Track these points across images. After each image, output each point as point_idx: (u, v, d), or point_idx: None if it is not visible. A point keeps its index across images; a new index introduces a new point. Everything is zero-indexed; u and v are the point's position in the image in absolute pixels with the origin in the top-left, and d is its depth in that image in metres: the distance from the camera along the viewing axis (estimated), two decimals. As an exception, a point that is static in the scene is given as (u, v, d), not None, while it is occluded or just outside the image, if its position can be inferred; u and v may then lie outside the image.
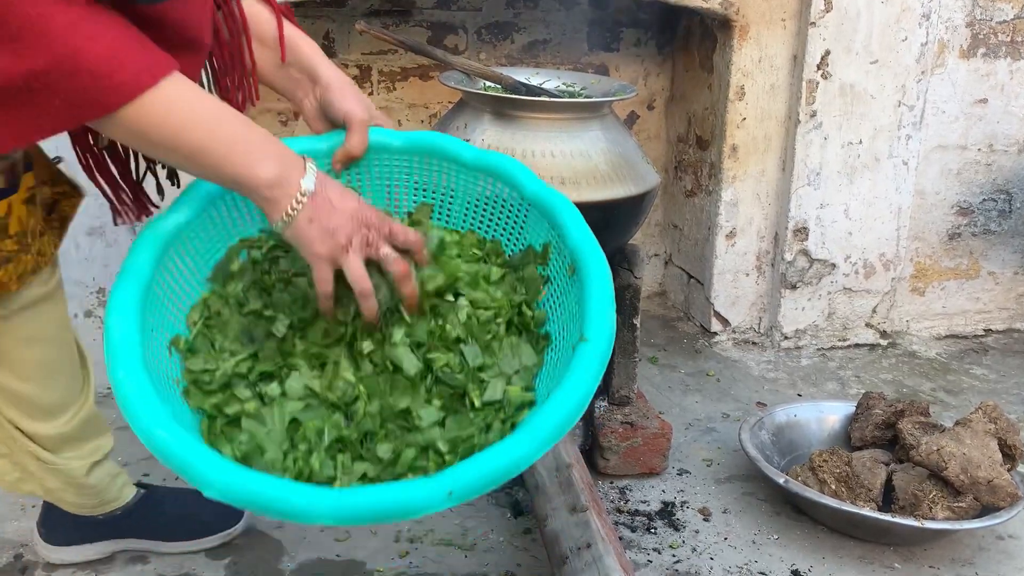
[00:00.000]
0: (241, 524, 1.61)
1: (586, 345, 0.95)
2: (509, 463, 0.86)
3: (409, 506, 0.84)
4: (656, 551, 1.69)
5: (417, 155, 1.18)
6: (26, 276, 1.21)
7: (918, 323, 2.79)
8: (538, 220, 1.12)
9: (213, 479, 0.85)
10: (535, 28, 2.66)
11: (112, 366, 0.91)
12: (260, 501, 0.84)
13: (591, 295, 0.99)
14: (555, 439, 0.89)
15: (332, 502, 0.84)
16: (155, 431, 0.88)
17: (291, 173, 0.94)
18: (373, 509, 0.84)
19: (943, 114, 2.58)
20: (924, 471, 1.71)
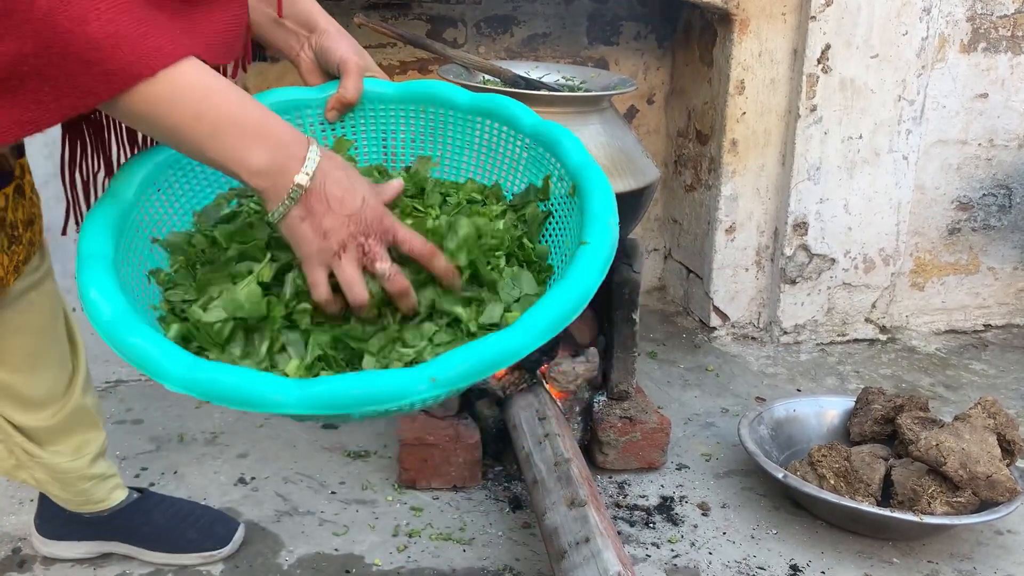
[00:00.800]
0: (227, 549, 1.59)
1: (586, 247, 0.92)
2: (499, 352, 0.81)
3: (388, 391, 0.78)
4: (655, 546, 1.69)
5: (412, 103, 1.16)
6: (20, 267, 1.21)
7: (917, 318, 2.78)
8: (537, 156, 1.11)
9: (174, 370, 0.80)
10: (534, 22, 2.66)
11: (79, 271, 0.86)
12: (223, 389, 0.78)
13: (591, 206, 0.97)
14: (550, 333, 0.84)
15: (302, 388, 0.78)
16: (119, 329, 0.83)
17: (287, 162, 0.86)
18: (348, 394, 0.78)
19: (943, 109, 2.58)
20: (923, 466, 1.71)
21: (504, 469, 1.91)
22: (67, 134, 1.23)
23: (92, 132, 1.26)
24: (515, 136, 1.12)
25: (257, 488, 1.82)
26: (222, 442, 1.99)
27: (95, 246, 0.89)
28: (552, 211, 1.08)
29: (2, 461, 1.45)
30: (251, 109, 0.86)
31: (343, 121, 1.15)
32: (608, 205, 0.97)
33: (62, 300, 1.39)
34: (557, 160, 1.07)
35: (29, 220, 1.23)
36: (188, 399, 2.14)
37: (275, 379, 0.79)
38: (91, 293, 0.85)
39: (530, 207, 1.09)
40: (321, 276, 0.90)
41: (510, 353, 0.82)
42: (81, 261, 0.87)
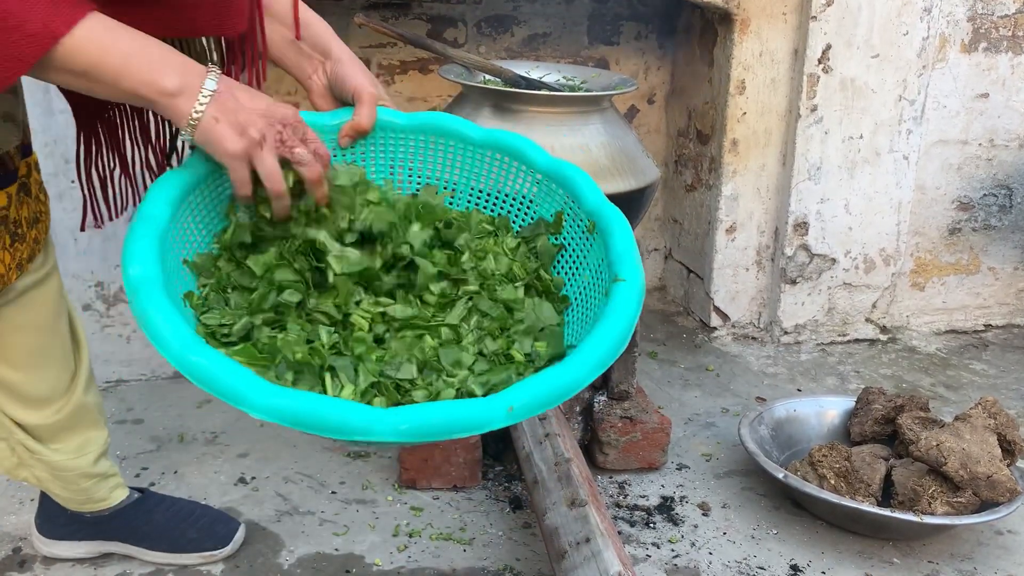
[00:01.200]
0: (227, 548, 1.59)
1: (623, 284, 0.99)
2: (566, 383, 0.88)
3: (471, 421, 0.83)
4: (655, 546, 1.69)
5: (423, 134, 1.17)
6: (24, 265, 1.21)
7: (918, 318, 2.78)
8: (548, 193, 1.14)
9: (259, 399, 0.81)
10: (535, 21, 2.66)
11: (137, 298, 0.88)
12: (315, 419, 0.81)
13: (616, 244, 1.03)
14: (606, 364, 0.91)
15: (393, 418, 0.82)
16: (192, 357, 0.84)
17: (193, 79, 0.92)
18: (436, 424, 0.82)
19: (944, 109, 2.57)
20: (923, 466, 1.71)
21: (504, 469, 1.91)
22: (82, 132, 1.24)
23: (106, 131, 1.28)
24: (526, 171, 1.16)
25: (257, 488, 1.82)
26: (222, 442, 1.99)
27: (146, 270, 0.90)
28: (564, 245, 1.12)
29: (4, 459, 1.46)
30: (151, 42, 0.93)
31: (353, 148, 1.17)
32: (631, 242, 1.04)
33: (66, 298, 1.39)
34: (571, 197, 1.12)
35: (34, 218, 1.24)
36: (188, 398, 2.15)
37: (365, 408, 0.83)
38: (156, 320, 0.86)
39: (541, 240, 1.13)
40: (244, 171, 0.96)
41: (573, 384, 0.89)
42: (136, 288, 0.88)
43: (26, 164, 1.21)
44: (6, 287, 1.20)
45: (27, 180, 1.22)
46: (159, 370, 2.24)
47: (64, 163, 1.93)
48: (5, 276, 1.18)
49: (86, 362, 1.44)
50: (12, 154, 1.16)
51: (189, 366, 0.83)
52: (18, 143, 1.17)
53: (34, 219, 1.24)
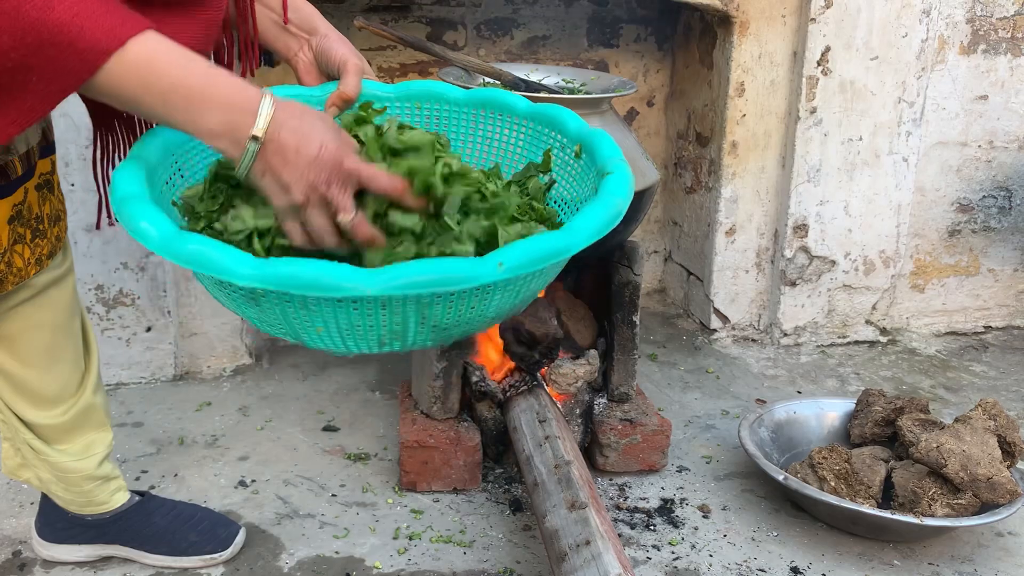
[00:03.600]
0: (227, 552, 1.59)
1: (611, 175, 1.00)
2: (558, 245, 0.88)
3: (462, 273, 0.83)
4: (655, 548, 1.69)
5: (409, 100, 1.20)
6: (43, 261, 1.23)
7: (918, 320, 2.78)
8: (535, 134, 1.17)
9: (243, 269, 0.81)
10: (534, 24, 2.66)
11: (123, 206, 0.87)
12: (305, 278, 0.80)
13: (601, 152, 1.05)
14: (596, 236, 0.91)
15: (381, 274, 0.81)
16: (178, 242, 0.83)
17: (240, 119, 0.87)
18: (425, 278, 0.82)
19: (943, 110, 2.58)
20: (924, 468, 1.71)
21: (504, 471, 1.91)
22: (99, 131, 1.25)
23: (124, 128, 1.29)
24: (511, 120, 1.18)
25: (257, 491, 1.82)
26: (222, 445, 1.99)
27: (132, 188, 0.90)
28: (555, 180, 1.14)
29: (7, 459, 1.47)
30: (197, 73, 0.87)
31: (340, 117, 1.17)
32: (616, 149, 1.06)
33: (79, 300, 1.40)
34: (557, 131, 1.14)
35: (56, 216, 1.26)
36: (188, 401, 2.15)
37: (353, 268, 0.82)
38: (141, 223, 0.85)
39: (532, 181, 1.14)
40: (293, 227, 0.92)
41: (563, 247, 0.89)
42: (122, 201, 0.88)
43: (50, 161, 1.23)
44: (23, 282, 1.22)
45: (50, 177, 1.24)
46: (159, 373, 2.24)
47: (64, 166, 1.93)
48: (24, 270, 1.20)
49: (95, 363, 1.45)
50: (34, 150, 1.18)
51: (176, 250, 0.83)
52: (40, 140, 1.19)
53: (56, 217, 1.26)
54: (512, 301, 0.95)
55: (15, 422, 1.38)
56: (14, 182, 1.13)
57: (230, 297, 0.91)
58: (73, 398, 1.40)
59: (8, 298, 1.24)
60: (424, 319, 0.89)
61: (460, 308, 0.89)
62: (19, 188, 1.14)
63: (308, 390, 2.25)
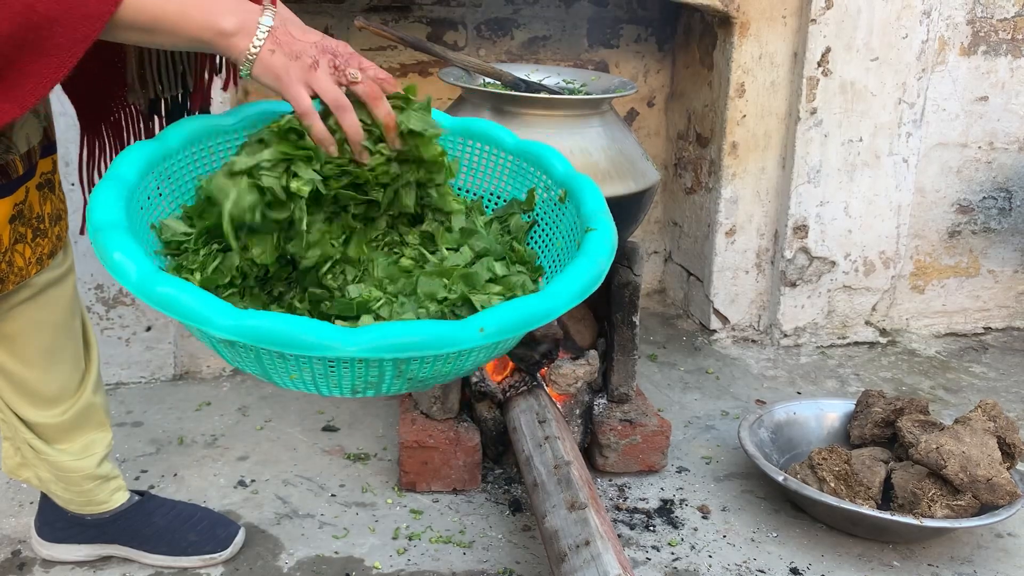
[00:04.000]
0: (227, 552, 1.59)
1: (594, 232, 1.01)
2: (538, 308, 0.89)
3: (442, 339, 0.83)
4: (655, 549, 1.69)
5: None
6: (44, 260, 1.23)
7: (918, 321, 2.78)
8: (521, 171, 1.17)
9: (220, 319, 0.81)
10: (535, 24, 2.66)
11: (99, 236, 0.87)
12: (279, 335, 0.80)
13: (587, 204, 1.06)
14: (578, 298, 0.93)
15: (364, 335, 0.81)
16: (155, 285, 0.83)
17: (250, 17, 0.97)
18: (404, 341, 0.82)
19: (943, 112, 2.58)
20: (923, 469, 1.71)
21: (504, 472, 1.91)
22: (86, 135, 1.25)
23: (111, 133, 1.29)
24: (498, 154, 1.18)
25: (257, 491, 1.82)
26: (222, 445, 1.99)
27: (109, 216, 0.91)
28: (537, 220, 1.14)
29: (7, 459, 1.47)
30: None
31: None
32: (601, 201, 1.06)
33: (79, 299, 1.40)
34: (542, 172, 1.14)
35: (57, 216, 1.26)
36: (187, 401, 2.14)
37: (331, 326, 0.82)
38: (115, 256, 0.86)
39: (514, 219, 1.15)
40: (302, 92, 0.98)
41: (545, 311, 0.90)
42: (98, 230, 0.89)
43: (51, 161, 1.23)
44: (24, 281, 1.22)
45: (52, 177, 1.25)
46: (159, 373, 2.24)
47: (64, 165, 1.93)
48: (25, 270, 1.20)
49: (95, 363, 1.45)
50: (35, 149, 1.18)
51: (152, 294, 0.83)
52: (41, 139, 1.19)
53: (57, 216, 1.26)
54: (490, 355, 0.95)
55: (15, 421, 1.38)
56: (15, 181, 1.13)
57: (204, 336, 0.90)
58: (73, 397, 1.40)
59: (9, 297, 1.24)
60: (400, 373, 0.89)
61: (438, 365, 0.89)
62: (20, 187, 1.14)
63: (308, 390, 2.25)
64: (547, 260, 1.12)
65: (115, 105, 1.31)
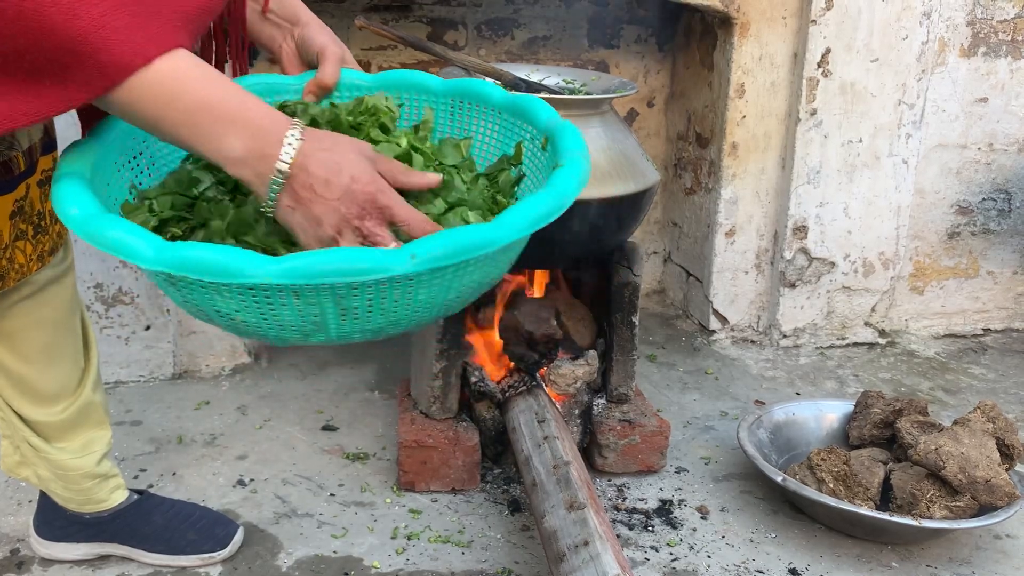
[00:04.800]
0: (226, 551, 1.59)
1: (560, 168, 0.96)
2: (479, 238, 0.83)
3: (368, 264, 0.78)
4: (654, 549, 1.69)
5: (388, 89, 1.19)
6: (45, 257, 1.23)
7: (917, 322, 2.78)
8: (509, 126, 1.16)
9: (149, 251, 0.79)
10: (535, 24, 2.66)
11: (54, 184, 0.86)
12: (200, 262, 0.78)
13: (562, 145, 1.03)
14: (527, 229, 0.87)
15: (283, 261, 0.77)
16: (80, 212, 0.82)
17: (265, 149, 0.82)
18: (325, 268, 0.78)
19: (943, 113, 2.58)
20: (922, 470, 1.71)
21: (503, 472, 1.91)
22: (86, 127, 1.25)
23: None
24: (487, 111, 1.17)
25: (256, 490, 1.82)
26: (221, 444, 1.99)
27: (73, 167, 0.90)
28: (524, 173, 1.13)
29: (6, 457, 1.47)
30: (228, 94, 0.83)
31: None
32: (579, 142, 1.02)
33: (79, 297, 1.40)
34: (528, 123, 1.12)
35: None
36: (186, 400, 2.14)
37: (254, 254, 0.79)
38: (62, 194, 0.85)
39: (503, 174, 1.14)
40: None
41: (484, 241, 0.83)
42: (57, 178, 0.88)
43: (52, 158, 1.23)
44: (25, 278, 1.22)
45: (52, 174, 1.23)
46: (158, 371, 2.24)
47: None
48: (25, 267, 1.20)
49: (95, 361, 1.46)
50: (36, 146, 1.18)
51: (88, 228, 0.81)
52: (42, 136, 1.20)
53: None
54: (444, 296, 0.89)
55: (14, 419, 1.38)
56: (16, 178, 1.13)
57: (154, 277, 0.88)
58: (73, 395, 1.40)
59: (9, 294, 1.24)
60: (344, 312, 0.84)
61: (381, 301, 0.84)
62: (21, 184, 1.14)
63: (307, 389, 2.25)
64: None
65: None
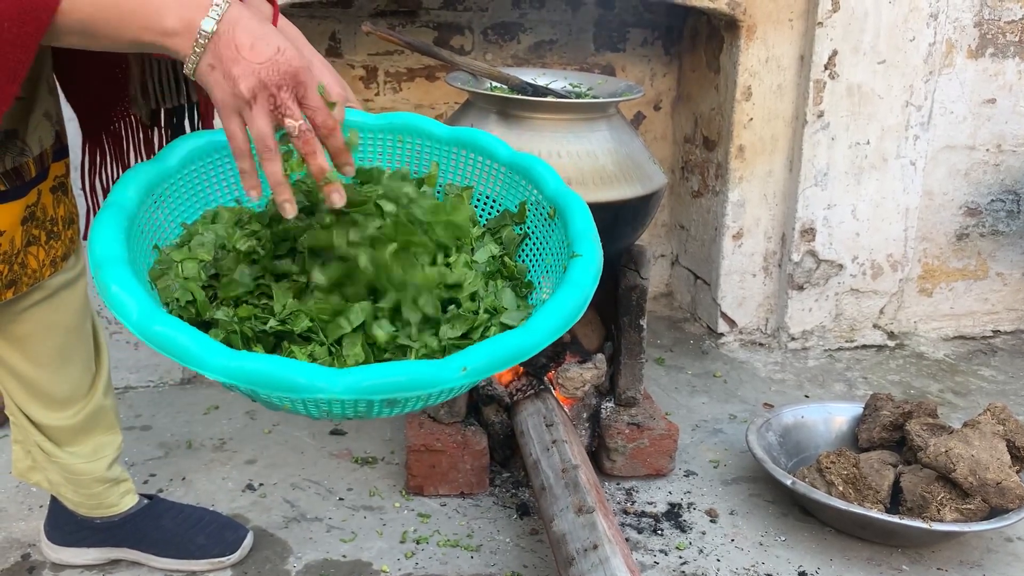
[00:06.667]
0: (235, 555, 1.59)
1: (580, 259, 1.00)
2: (520, 344, 0.89)
3: (424, 380, 0.84)
4: (663, 552, 1.69)
5: (391, 133, 1.20)
6: (58, 263, 1.24)
7: (926, 324, 2.78)
8: (513, 183, 1.16)
9: (215, 360, 0.83)
10: (541, 28, 2.66)
11: (100, 272, 0.88)
12: (267, 377, 0.82)
13: (575, 225, 1.05)
14: (558, 332, 0.92)
15: (346, 378, 0.82)
16: (153, 324, 0.85)
17: (195, 14, 0.85)
18: (388, 383, 0.83)
19: (951, 114, 2.57)
20: (932, 473, 1.70)
21: (512, 475, 1.91)
22: (87, 143, 1.26)
23: (111, 143, 1.30)
24: (491, 166, 1.18)
25: (265, 494, 1.82)
26: (230, 448, 1.99)
27: (110, 249, 0.91)
28: (528, 234, 1.14)
29: (17, 462, 1.48)
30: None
31: None
32: (590, 223, 1.05)
33: (90, 302, 1.41)
34: (534, 187, 1.14)
35: (70, 219, 1.28)
36: (196, 405, 2.15)
37: (318, 367, 0.84)
38: (114, 290, 0.87)
39: (506, 230, 1.15)
40: (235, 125, 0.88)
41: (527, 347, 0.90)
42: (99, 264, 0.89)
43: (64, 164, 1.25)
44: (38, 283, 1.23)
45: (65, 180, 1.26)
46: (167, 376, 2.25)
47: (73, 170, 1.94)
48: (38, 272, 1.21)
49: (106, 365, 1.46)
50: (48, 152, 1.19)
51: (150, 333, 0.84)
52: (53, 142, 1.20)
53: (70, 219, 1.28)
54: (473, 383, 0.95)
55: (26, 424, 1.39)
56: (28, 183, 1.14)
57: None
58: (84, 400, 1.41)
59: (22, 299, 1.25)
60: (391, 405, 0.90)
61: (427, 400, 0.91)
62: (32, 189, 1.15)
63: (315, 394, 2.25)
64: (536, 275, 1.13)
65: (116, 115, 1.32)
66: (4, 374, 1.35)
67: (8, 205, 1.12)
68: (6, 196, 1.12)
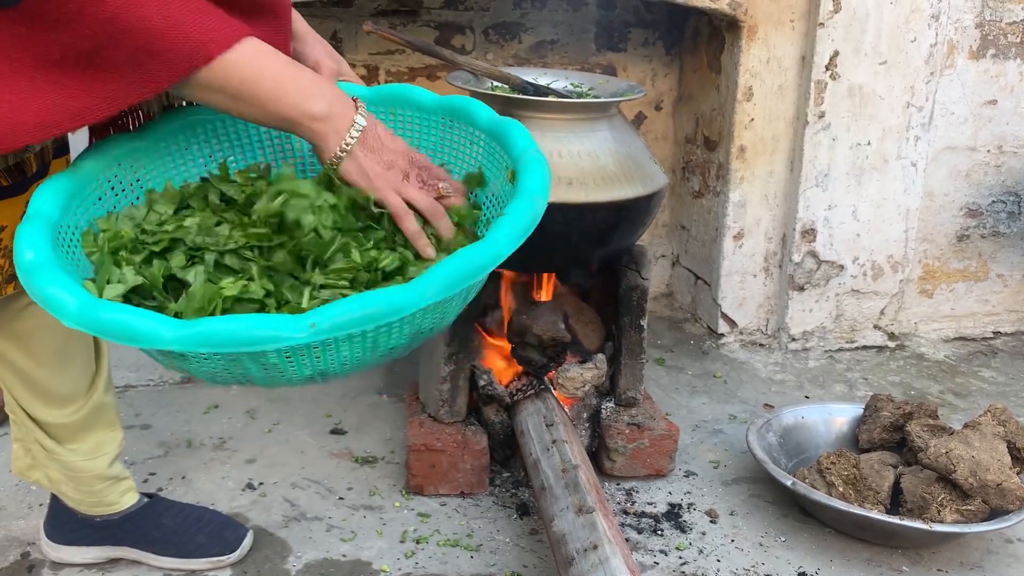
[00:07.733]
0: (235, 554, 1.59)
1: (502, 218, 0.95)
2: (383, 305, 0.83)
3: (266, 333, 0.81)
4: (663, 553, 1.69)
5: (382, 104, 1.19)
6: None
7: (926, 325, 2.77)
8: (490, 151, 1.14)
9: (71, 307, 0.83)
10: (542, 28, 2.66)
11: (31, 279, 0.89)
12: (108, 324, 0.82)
13: (522, 185, 1.00)
14: (442, 293, 0.87)
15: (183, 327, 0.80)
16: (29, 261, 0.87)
17: (343, 109, 0.98)
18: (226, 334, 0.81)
19: (952, 115, 2.57)
20: (932, 474, 1.70)
21: (512, 475, 1.90)
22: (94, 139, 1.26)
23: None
24: (473, 133, 1.16)
25: (265, 494, 1.82)
26: (230, 447, 1.99)
27: (42, 206, 0.93)
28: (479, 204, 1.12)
29: (17, 460, 1.48)
30: (300, 68, 0.99)
31: None
32: (538, 183, 1.00)
33: None
34: (504, 151, 1.10)
35: None
36: (196, 404, 2.15)
37: (159, 316, 0.83)
38: (22, 241, 0.90)
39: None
40: (395, 198, 1.01)
41: (394, 307, 0.84)
42: (29, 271, 0.90)
43: (64, 161, 1.25)
44: None
45: None
46: (167, 375, 2.25)
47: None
48: None
49: (106, 362, 1.47)
50: (48, 148, 1.19)
51: (29, 280, 0.86)
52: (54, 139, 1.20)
53: None
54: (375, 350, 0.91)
55: (27, 421, 1.39)
56: (28, 179, 1.15)
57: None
58: (84, 397, 1.41)
59: (23, 296, 1.25)
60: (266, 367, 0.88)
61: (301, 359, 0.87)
62: (32, 185, 1.15)
63: (315, 393, 2.25)
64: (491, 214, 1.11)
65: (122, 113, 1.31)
66: (5, 371, 1.36)
67: (9, 201, 1.13)
68: (7, 192, 1.12)
